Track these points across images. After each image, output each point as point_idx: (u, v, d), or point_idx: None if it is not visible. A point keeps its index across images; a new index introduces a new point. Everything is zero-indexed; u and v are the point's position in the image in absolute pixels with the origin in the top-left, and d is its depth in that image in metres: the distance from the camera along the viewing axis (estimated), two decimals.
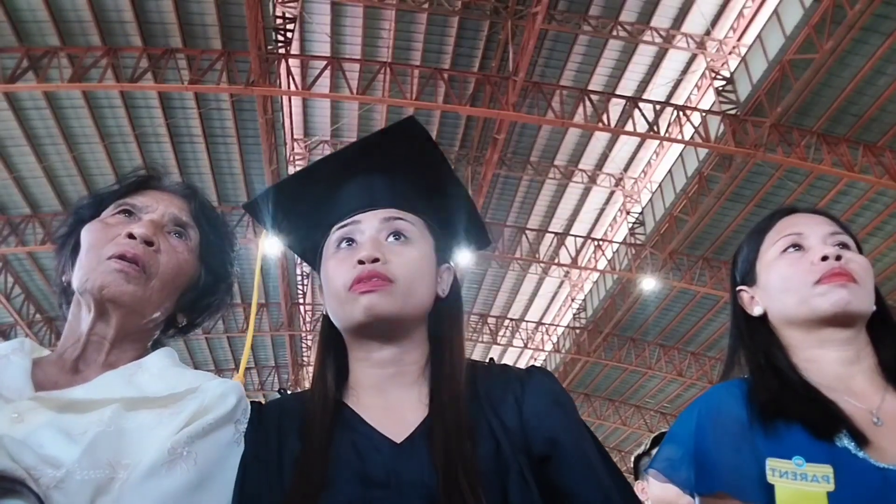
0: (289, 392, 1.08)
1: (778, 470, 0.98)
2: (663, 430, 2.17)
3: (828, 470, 0.96)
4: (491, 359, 1.08)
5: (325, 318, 1.07)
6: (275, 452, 0.94)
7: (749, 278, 1.22)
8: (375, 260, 0.96)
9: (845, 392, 1.07)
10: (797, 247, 1.15)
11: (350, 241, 1.01)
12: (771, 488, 0.98)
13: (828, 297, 1.09)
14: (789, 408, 1.04)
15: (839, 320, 1.09)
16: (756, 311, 1.19)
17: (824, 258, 1.10)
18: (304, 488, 0.88)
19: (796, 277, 1.12)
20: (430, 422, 0.93)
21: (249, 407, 1.00)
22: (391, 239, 1.00)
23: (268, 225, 1.13)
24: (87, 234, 1.04)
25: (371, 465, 0.90)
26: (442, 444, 0.89)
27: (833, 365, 1.10)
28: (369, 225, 1.01)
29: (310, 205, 1.09)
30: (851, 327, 1.11)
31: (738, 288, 1.24)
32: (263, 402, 1.04)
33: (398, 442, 0.92)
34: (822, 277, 1.10)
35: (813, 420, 1.02)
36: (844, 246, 1.14)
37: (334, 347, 1.05)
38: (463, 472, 0.86)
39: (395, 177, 1.06)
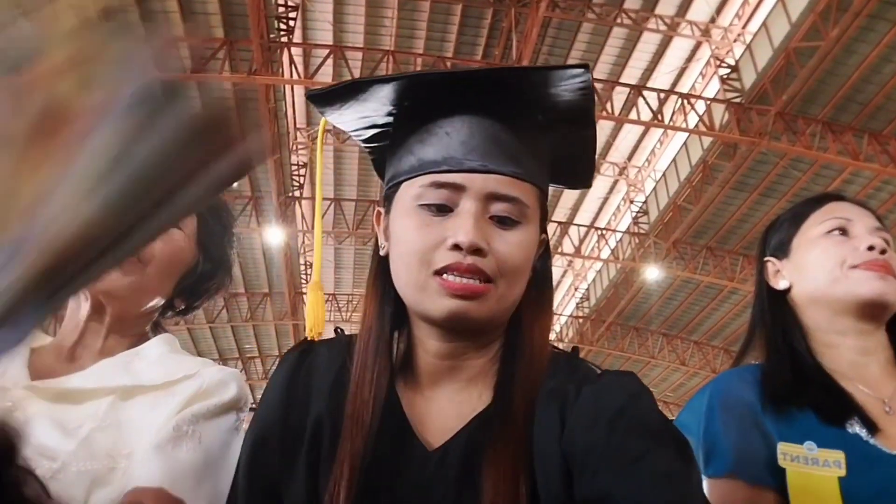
0: (342, 332, 0.89)
1: (789, 454, 0.98)
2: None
3: (839, 455, 0.96)
4: (575, 347, 0.87)
5: (379, 261, 0.84)
6: (297, 423, 0.80)
7: (780, 252, 1.21)
8: (477, 250, 0.74)
9: (859, 380, 1.07)
10: (843, 231, 1.15)
11: (442, 207, 0.76)
12: (781, 472, 0.98)
13: (867, 284, 1.09)
14: (802, 393, 1.05)
15: (870, 308, 1.09)
16: (781, 284, 1.19)
17: (870, 248, 1.11)
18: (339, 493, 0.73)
19: (837, 258, 1.12)
20: (474, 431, 0.76)
21: (250, 396, 1.00)
22: (496, 218, 0.76)
23: (336, 116, 0.85)
24: None
25: (400, 470, 0.76)
26: (493, 478, 0.71)
27: (850, 352, 1.10)
28: (475, 193, 0.75)
29: (407, 116, 0.82)
30: (877, 320, 1.11)
31: (766, 258, 1.23)
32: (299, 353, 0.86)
33: (431, 449, 0.77)
34: (863, 264, 1.10)
35: (825, 406, 1.02)
36: (886, 243, 1.14)
37: (392, 301, 0.82)
38: None
39: (529, 130, 0.80)
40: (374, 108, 0.82)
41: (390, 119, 0.83)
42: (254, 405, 1.01)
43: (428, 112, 0.79)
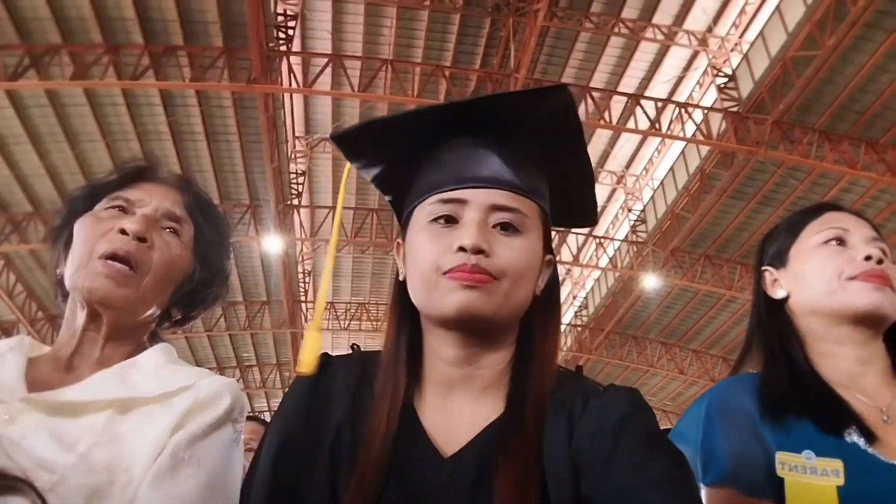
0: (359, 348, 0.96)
1: (788, 464, 0.98)
2: (666, 428, 2.17)
3: (838, 464, 0.96)
4: (578, 366, 0.92)
5: (399, 286, 0.91)
6: (318, 428, 0.85)
7: (778, 261, 1.22)
8: (480, 251, 0.81)
9: (856, 389, 1.07)
10: (840, 241, 1.15)
11: (450, 219, 0.84)
12: (779, 481, 0.98)
13: (863, 295, 1.09)
14: (799, 402, 1.04)
15: (867, 320, 1.09)
16: (779, 293, 1.19)
17: (868, 258, 1.11)
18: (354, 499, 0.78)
19: (834, 268, 1.12)
20: (486, 439, 0.81)
21: (246, 405, 0.99)
22: (499, 226, 0.84)
23: (352, 155, 0.92)
24: (80, 228, 1.02)
25: (414, 477, 0.80)
26: (504, 485, 0.75)
27: (847, 362, 1.10)
28: (477, 205, 0.83)
29: (412, 150, 0.90)
30: (874, 330, 1.11)
31: (763, 268, 1.23)
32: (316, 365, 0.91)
33: (445, 457, 0.81)
34: (861, 275, 1.10)
35: (822, 415, 1.02)
36: (883, 253, 1.14)
37: (409, 321, 0.90)
38: None
39: (522, 151, 0.87)
40: (386, 150, 0.92)
41: (402, 157, 0.91)
42: (251, 413, 1.00)
43: (431, 142, 0.89)
